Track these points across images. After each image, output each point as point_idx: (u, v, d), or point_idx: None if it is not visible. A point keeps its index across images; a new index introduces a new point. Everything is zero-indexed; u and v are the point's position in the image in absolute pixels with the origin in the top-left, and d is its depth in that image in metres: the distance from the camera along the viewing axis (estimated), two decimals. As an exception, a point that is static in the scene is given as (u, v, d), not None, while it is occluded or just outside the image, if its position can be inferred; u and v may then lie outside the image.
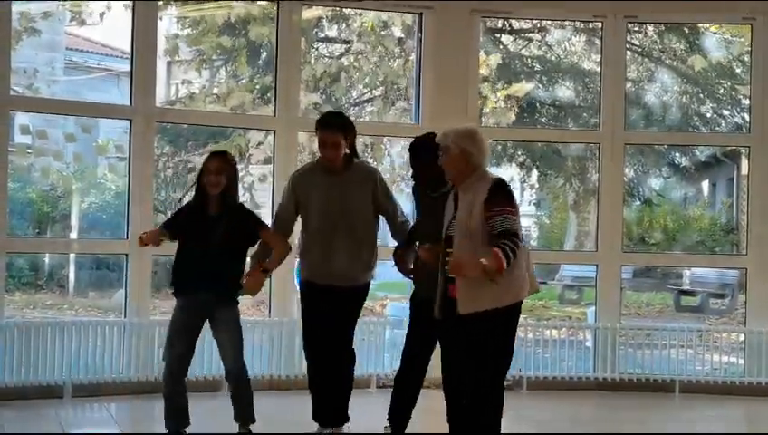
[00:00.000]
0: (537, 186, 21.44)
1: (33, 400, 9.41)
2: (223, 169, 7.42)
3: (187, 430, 7.58)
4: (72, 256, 16.26)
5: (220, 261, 7.38)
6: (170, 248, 7.60)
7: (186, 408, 7.56)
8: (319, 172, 7.71)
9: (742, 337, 11.35)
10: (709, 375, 11.09)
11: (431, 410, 7.73)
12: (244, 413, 7.55)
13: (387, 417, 7.69)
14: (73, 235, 16.31)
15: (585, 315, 16.58)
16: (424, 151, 7.29)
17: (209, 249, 7.35)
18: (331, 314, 7.68)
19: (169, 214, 8.06)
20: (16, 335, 9.53)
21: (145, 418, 9.24)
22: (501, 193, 6.49)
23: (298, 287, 8.03)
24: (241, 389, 7.55)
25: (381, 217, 7.81)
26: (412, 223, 7.84)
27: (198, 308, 7.45)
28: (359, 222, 7.61)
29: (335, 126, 7.62)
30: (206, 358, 9.69)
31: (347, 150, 7.66)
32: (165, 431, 7.54)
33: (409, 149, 7.62)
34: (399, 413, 7.65)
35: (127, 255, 10.14)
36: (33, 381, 9.56)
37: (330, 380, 7.79)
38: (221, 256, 7.37)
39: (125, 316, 10.12)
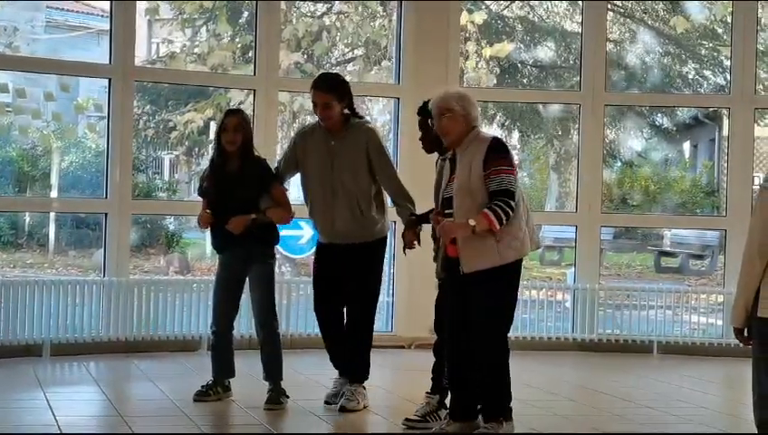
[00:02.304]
0: (518, 147, 21.42)
1: (11, 358, 9.42)
2: (240, 126, 7.56)
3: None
4: (52, 214, 16.20)
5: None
6: (149, 207, 7.58)
7: (230, 360, 7.83)
8: (319, 133, 7.68)
9: (721, 298, 11.40)
10: (688, 336, 11.16)
11: (416, 369, 7.74)
12: (272, 370, 7.68)
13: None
14: (54, 193, 16.24)
15: (565, 276, 16.61)
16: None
17: (233, 207, 7.49)
18: (343, 273, 7.66)
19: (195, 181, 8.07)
20: (-5, 294, 9.53)
21: (123, 376, 9.26)
22: (498, 152, 6.57)
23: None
24: (268, 345, 7.69)
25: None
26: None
27: (235, 264, 7.69)
28: (356, 182, 7.57)
29: (325, 87, 7.59)
30: (184, 318, 9.79)
31: (346, 111, 7.63)
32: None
33: (421, 113, 7.35)
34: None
35: (106, 214, 10.13)
36: (13, 340, 9.57)
37: (340, 338, 7.77)
38: (245, 214, 7.48)
39: (104, 275, 10.13)
